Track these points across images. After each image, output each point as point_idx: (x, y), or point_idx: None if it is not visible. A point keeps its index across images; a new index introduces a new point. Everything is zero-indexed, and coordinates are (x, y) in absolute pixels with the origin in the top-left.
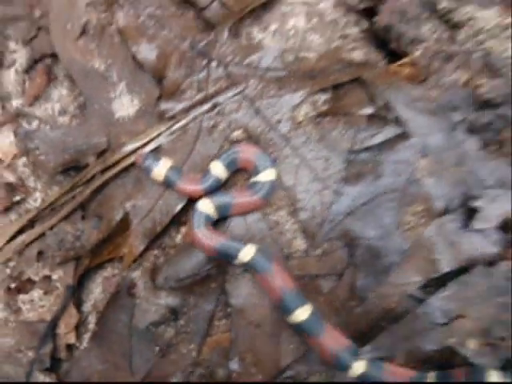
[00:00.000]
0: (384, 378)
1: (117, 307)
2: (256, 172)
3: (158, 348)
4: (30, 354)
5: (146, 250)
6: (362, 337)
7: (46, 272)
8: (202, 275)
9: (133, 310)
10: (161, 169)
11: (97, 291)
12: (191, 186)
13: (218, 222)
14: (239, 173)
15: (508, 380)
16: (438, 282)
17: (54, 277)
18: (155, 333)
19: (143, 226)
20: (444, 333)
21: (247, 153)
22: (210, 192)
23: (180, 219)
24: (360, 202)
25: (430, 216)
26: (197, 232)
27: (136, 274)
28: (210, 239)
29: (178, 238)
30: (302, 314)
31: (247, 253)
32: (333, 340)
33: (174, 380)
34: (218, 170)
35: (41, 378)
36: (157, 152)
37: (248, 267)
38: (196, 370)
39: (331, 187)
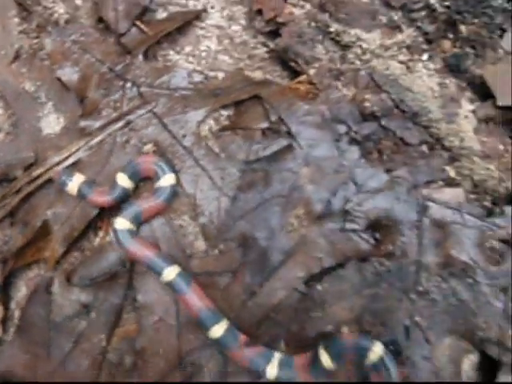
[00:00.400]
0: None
1: (36, 303)
2: (157, 178)
3: (72, 339)
4: None
5: (67, 252)
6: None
7: None
8: (112, 273)
9: (50, 305)
10: (74, 184)
11: (22, 289)
12: (101, 198)
13: None
14: (146, 182)
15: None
16: (319, 277)
17: None
18: (70, 325)
19: (63, 231)
20: (322, 321)
21: (147, 163)
22: (119, 201)
23: (96, 224)
24: (251, 207)
25: (310, 218)
26: (128, 247)
27: (55, 274)
28: (141, 251)
29: (96, 242)
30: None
31: (169, 274)
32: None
33: (86, 366)
34: (124, 181)
35: None
36: (74, 166)
37: (169, 286)
38: (106, 357)
39: (227, 194)
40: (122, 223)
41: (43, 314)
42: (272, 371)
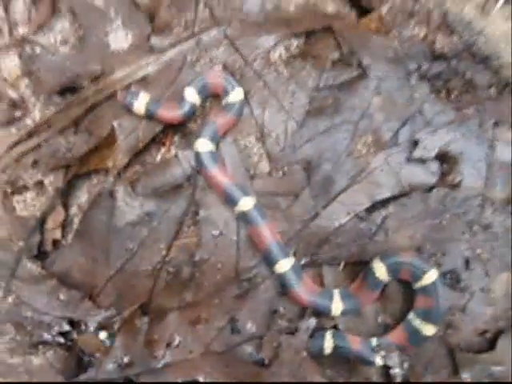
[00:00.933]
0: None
1: (99, 208)
2: (226, 93)
3: (132, 245)
4: (21, 243)
5: (130, 163)
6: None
7: (39, 177)
8: (175, 185)
9: (113, 211)
10: (140, 103)
11: (84, 196)
12: (170, 114)
13: None
14: (211, 101)
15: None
16: (383, 204)
17: (46, 181)
18: (131, 232)
19: (127, 142)
20: (383, 246)
21: (216, 77)
22: (187, 117)
23: (161, 140)
24: (319, 132)
25: (378, 147)
26: (210, 171)
27: (118, 182)
28: (219, 178)
29: (158, 157)
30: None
31: (246, 204)
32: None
33: (144, 273)
34: (192, 96)
35: (28, 265)
36: (141, 84)
37: (243, 217)
38: (164, 266)
39: (295, 118)
40: (203, 144)
41: (105, 219)
42: (337, 306)
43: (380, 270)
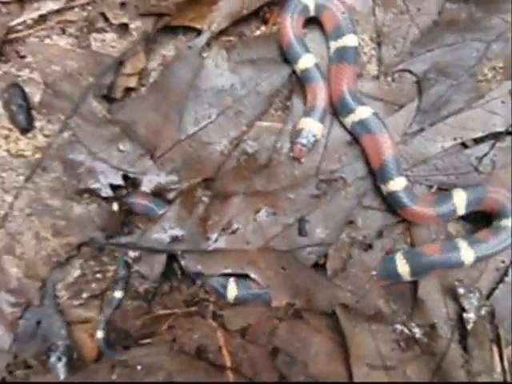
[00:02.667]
0: None
1: (185, 65)
2: None
3: (211, 112)
4: (91, 79)
5: (226, 30)
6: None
7: (125, 20)
8: (273, 61)
9: (199, 71)
10: None
11: (167, 52)
12: None
13: None
14: None
15: None
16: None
17: (132, 26)
18: (214, 96)
19: (231, 5)
20: (483, 178)
21: None
22: None
23: (264, 15)
24: (444, 44)
25: (505, 75)
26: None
27: (212, 44)
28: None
29: (257, 33)
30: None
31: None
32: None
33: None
34: None
35: (94, 104)
36: None
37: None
38: (240, 144)
39: (418, 25)
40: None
41: (188, 78)
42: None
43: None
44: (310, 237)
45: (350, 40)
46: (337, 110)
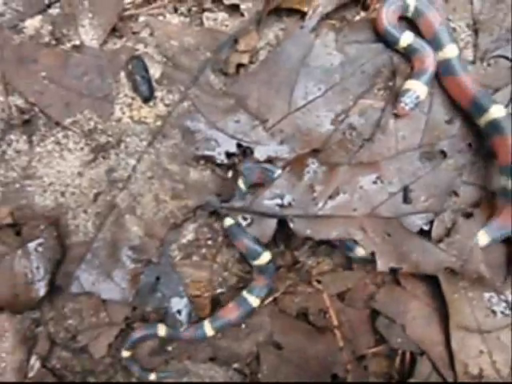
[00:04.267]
0: None
1: (296, 42)
2: None
3: (320, 87)
4: (208, 54)
5: (328, 15)
6: None
7: (236, 1)
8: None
9: (310, 49)
10: None
11: (277, 32)
12: None
13: None
14: None
15: None
16: None
17: (243, 6)
18: (322, 75)
19: None
20: None
21: None
22: None
23: (365, 1)
24: None
25: None
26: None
27: (322, 25)
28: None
29: (357, 18)
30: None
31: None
32: None
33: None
34: None
35: (211, 77)
36: None
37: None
38: (346, 119)
39: None
40: None
41: (299, 55)
42: None
43: None
44: (414, 205)
45: (450, 51)
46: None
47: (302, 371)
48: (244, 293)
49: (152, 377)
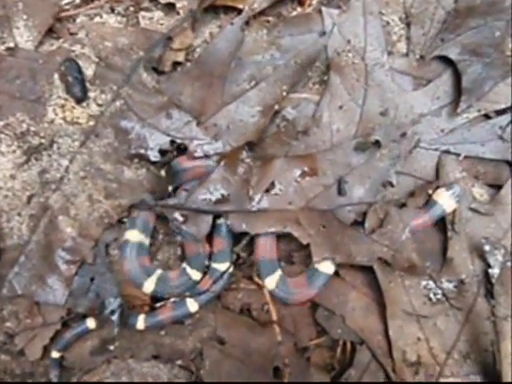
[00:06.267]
0: None
1: (227, 38)
2: None
3: (252, 80)
4: (141, 53)
5: (264, 11)
6: None
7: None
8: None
9: (241, 44)
10: None
11: (211, 30)
12: None
13: None
14: None
15: None
16: None
17: (178, 5)
18: (254, 68)
19: None
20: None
21: None
22: None
23: None
24: (469, 27)
25: None
26: None
27: (252, 22)
28: None
29: (293, 14)
30: None
31: None
32: None
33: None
34: None
35: (144, 75)
36: None
37: None
38: (280, 112)
39: (444, 8)
40: None
41: (230, 50)
42: None
43: None
44: (348, 196)
45: None
46: None
47: (245, 365)
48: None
49: None
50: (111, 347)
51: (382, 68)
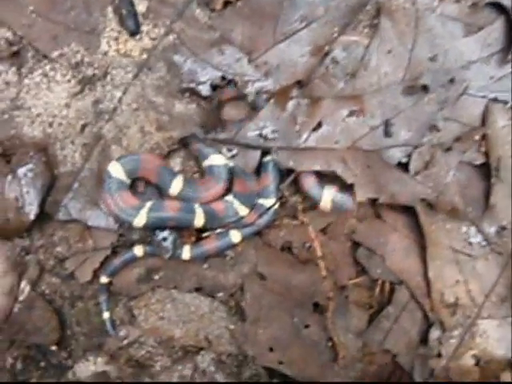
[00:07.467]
0: None
1: None
2: None
3: (303, 19)
4: None
5: None
6: None
7: None
8: None
9: None
10: None
11: None
12: None
13: None
14: None
15: None
16: None
17: None
18: (306, 9)
19: None
20: None
21: None
22: None
23: None
24: None
25: None
26: None
27: None
28: None
29: None
30: None
31: None
32: None
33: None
34: None
35: (197, 10)
36: None
37: None
38: (330, 53)
39: None
40: None
41: None
42: None
43: None
44: (394, 138)
45: None
46: None
47: (285, 300)
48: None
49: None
50: (156, 276)
51: (433, 13)
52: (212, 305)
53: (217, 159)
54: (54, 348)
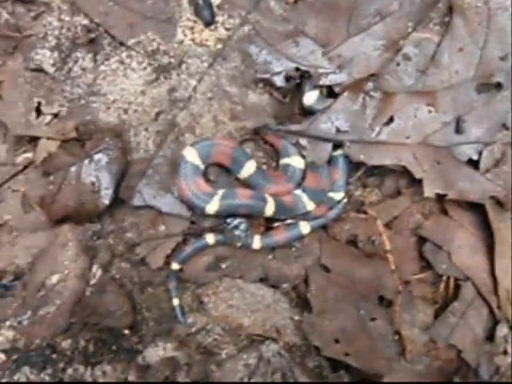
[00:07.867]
0: None
1: None
2: None
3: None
4: None
5: None
6: None
7: None
8: None
9: None
10: None
11: None
12: None
13: None
14: None
15: None
16: None
17: None
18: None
19: None
20: None
21: None
22: None
23: None
24: None
25: None
26: None
27: None
28: None
29: None
30: None
31: None
32: None
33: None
34: None
35: (271, 3)
36: None
37: None
38: (401, 50)
39: None
40: None
41: None
42: None
43: None
44: (466, 135)
45: None
46: None
47: (350, 292)
48: None
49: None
50: (223, 265)
51: (506, 12)
52: (275, 295)
53: (296, 161)
54: (126, 332)
